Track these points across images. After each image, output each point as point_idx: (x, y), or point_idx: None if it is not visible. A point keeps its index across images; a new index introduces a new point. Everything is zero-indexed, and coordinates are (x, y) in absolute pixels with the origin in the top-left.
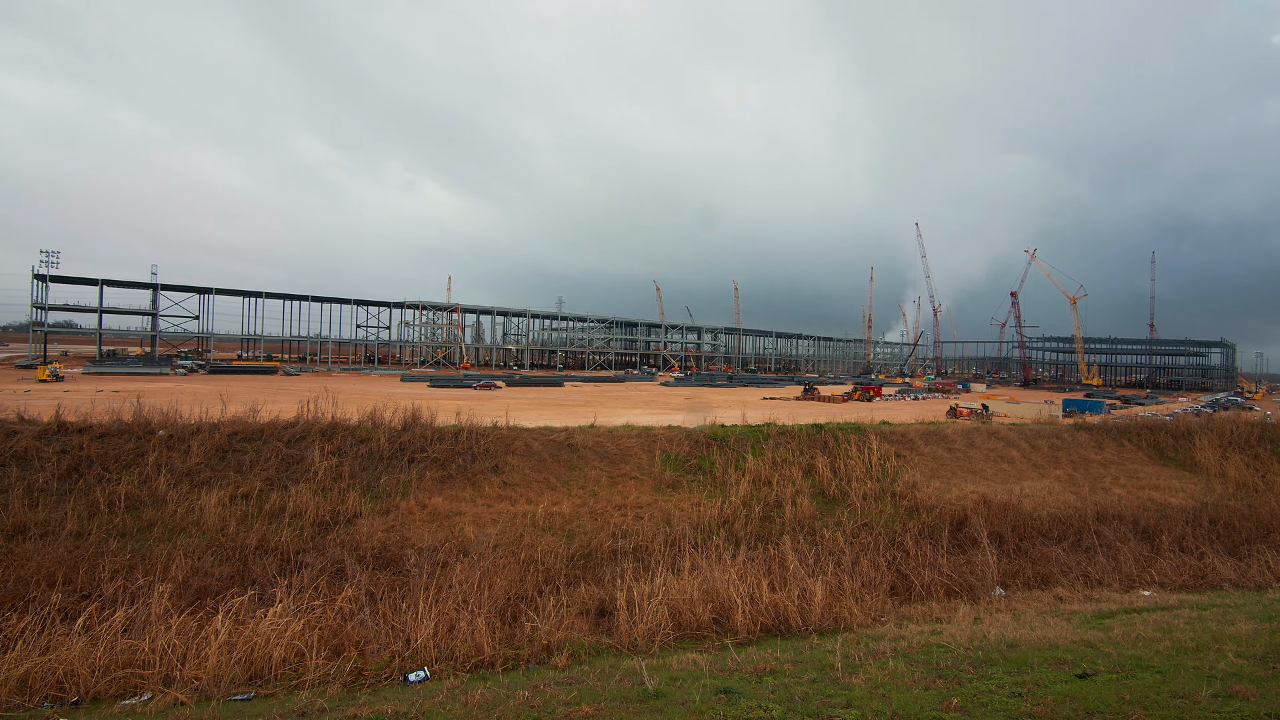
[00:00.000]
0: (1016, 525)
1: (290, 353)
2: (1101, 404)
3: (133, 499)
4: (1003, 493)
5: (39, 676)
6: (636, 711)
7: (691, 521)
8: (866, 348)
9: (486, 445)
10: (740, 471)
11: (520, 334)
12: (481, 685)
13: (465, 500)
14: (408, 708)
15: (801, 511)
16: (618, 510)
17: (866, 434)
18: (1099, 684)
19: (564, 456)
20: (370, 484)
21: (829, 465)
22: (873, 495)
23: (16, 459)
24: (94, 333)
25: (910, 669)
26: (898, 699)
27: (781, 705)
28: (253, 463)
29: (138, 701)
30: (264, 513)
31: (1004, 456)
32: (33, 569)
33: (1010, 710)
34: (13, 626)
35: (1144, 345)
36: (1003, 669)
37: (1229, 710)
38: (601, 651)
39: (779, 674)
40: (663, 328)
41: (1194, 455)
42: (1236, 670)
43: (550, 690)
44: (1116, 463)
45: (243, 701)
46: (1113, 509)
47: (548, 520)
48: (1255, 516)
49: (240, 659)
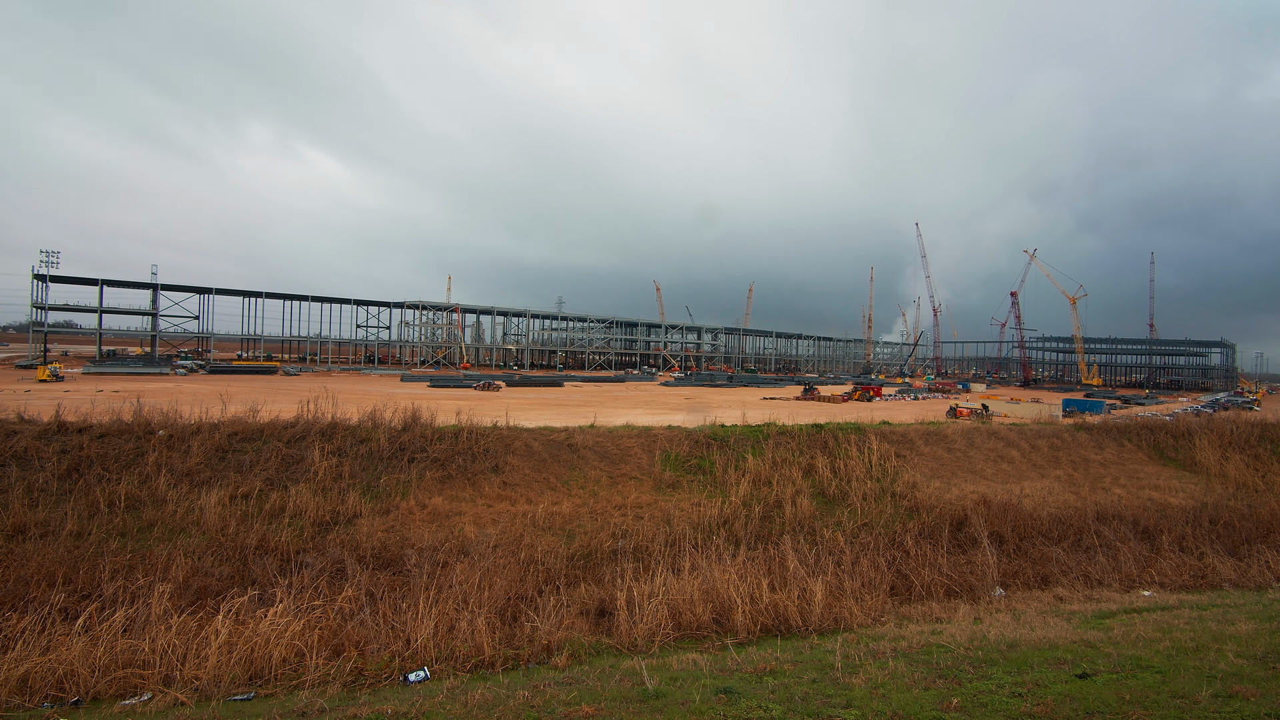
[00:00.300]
0: (1016, 525)
1: (290, 353)
2: (1101, 404)
3: (133, 499)
4: (1003, 493)
5: (39, 676)
6: (636, 711)
7: (691, 521)
8: (866, 348)
9: (486, 445)
10: (740, 471)
11: (520, 334)
12: (481, 685)
13: (465, 500)
14: (408, 708)
15: (801, 511)
16: (618, 510)
17: (866, 434)
18: (1099, 684)
19: (564, 456)
20: (370, 484)
21: (829, 465)
22: (873, 495)
23: (16, 459)
24: (94, 333)
25: (910, 669)
26: (898, 699)
27: (781, 705)
28: (253, 463)
29: (138, 701)
30: (264, 513)
31: (1004, 456)
32: (33, 569)
33: (1010, 710)
34: (13, 626)
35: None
36: (1003, 669)
37: (1229, 710)
38: (601, 651)
39: (779, 674)
40: (663, 328)
41: (1194, 455)
42: (1236, 670)
43: (550, 690)
44: (1116, 463)
45: (243, 701)
46: (1113, 509)
47: (548, 520)
48: (1255, 516)
49: (240, 659)
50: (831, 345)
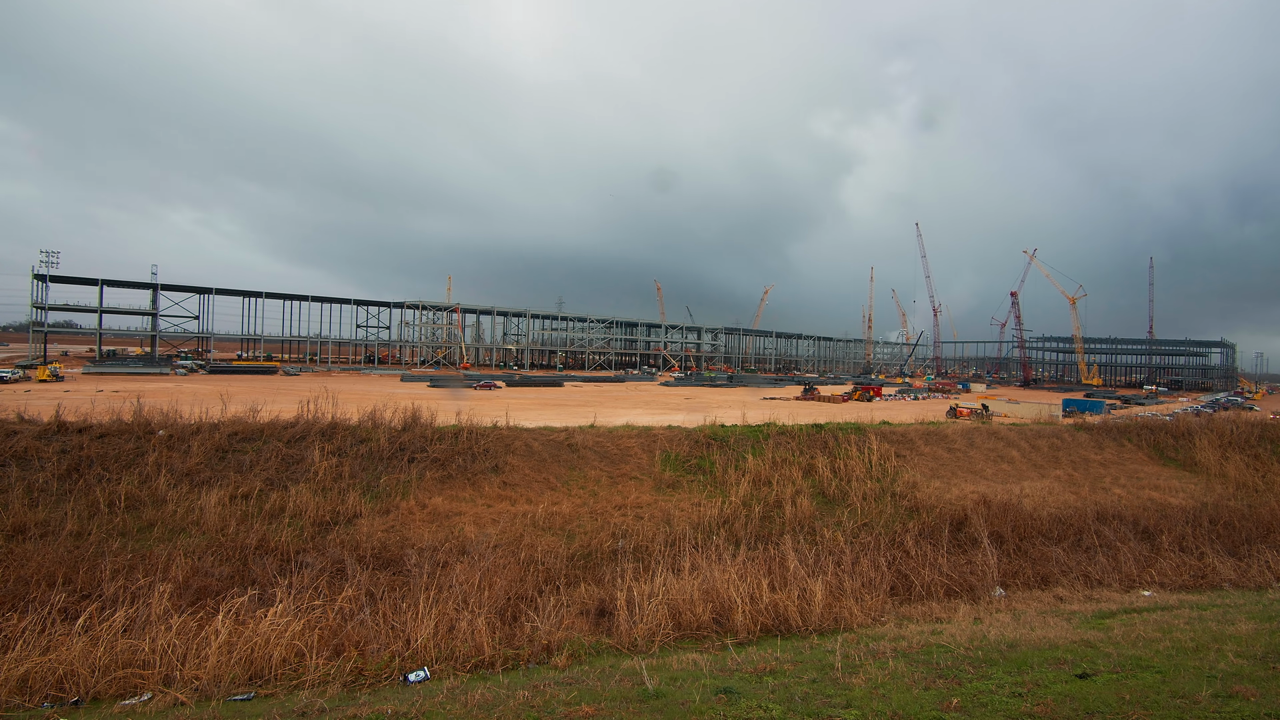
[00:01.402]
0: (1016, 525)
1: (290, 353)
2: (1101, 404)
3: (133, 499)
4: (1003, 493)
5: (39, 676)
6: (636, 711)
7: (691, 521)
8: (866, 348)
9: (486, 445)
10: (740, 471)
11: (520, 334)
12: (481, 685)
13: (465, 500)
14: (408, 708)
15: (801, 511)
16: (618, 510)
17: (866, 434)
18: (1099, 684)
19: (564, 456)
20: (370, 484)
21: (829, 465)
22: (873, 495)
23: (16, 459)
24: (94, 333)
25: (910, 669)
26: (898, 699)
27: (781, 705)
28: (253, 463)
29: (138, 701)
30: (264, 513)
31: (1004, 456)
32: (33, 569)
33: (1010, 710)
34: (13, 626)
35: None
36: (1003, 669)
37: (1229, 710)
38: (601, 651)
39: (779, 674)
40: (663, 328)
41: (1194, 455)
42: (1236, 670)
43: (550, 690)
44: (1116, 463)
45: (243, 701)
46: (1113, 509)
47: (548, 520)
48: (1255, 516)
49: (240, 659)
50: (831, 345)
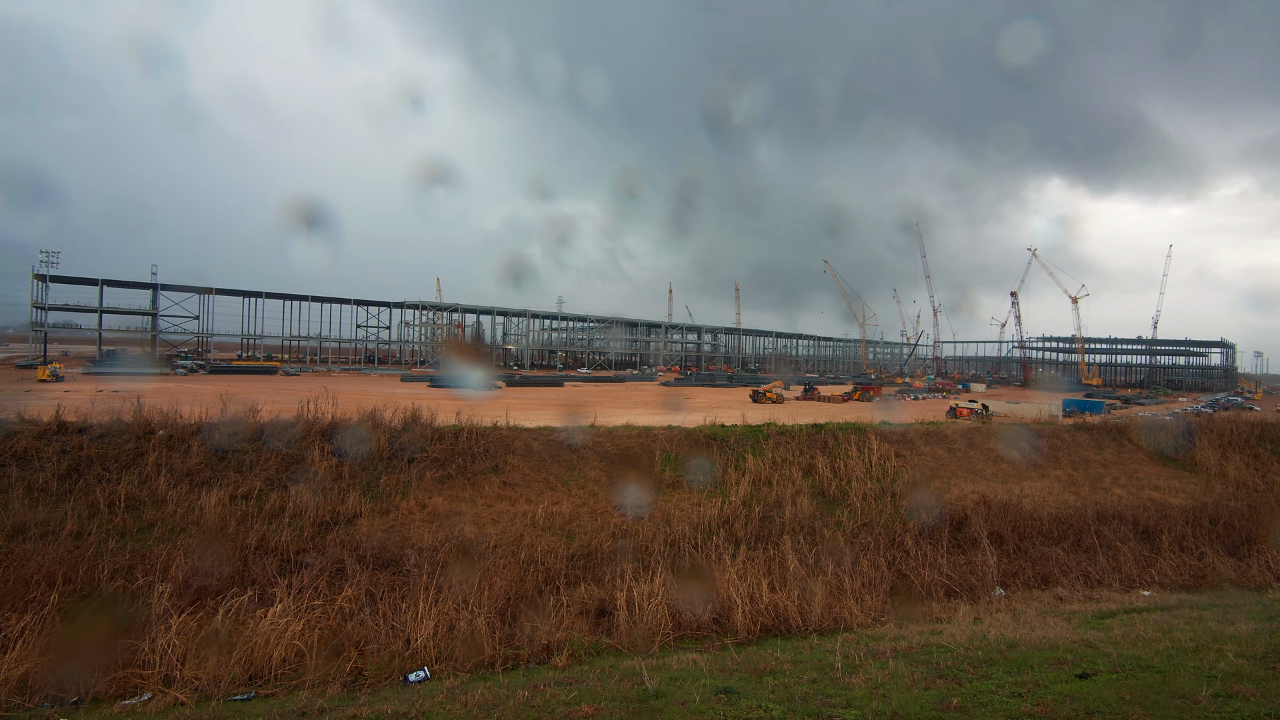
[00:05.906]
0: (1016, 525)
1: (290, 353)
2: (1101, 404)
3: (133, 499)
4: (1003, 493)
5: (39, 676)
6: (636, 711)
7: (691, 521)
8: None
9: (486, 445)
10: (740, 471)
11: (520, 334)
12: (481, 685)
13: (465, 500)
14: (408, 708)
15: (801, 511)
16: (618, 510)
17: (866, 434)
18: (1099, 684)
19: (564, 456)
20: (370, 484)
21: (829, 465)
22: (873, 495)
23: (16, 459)
24: (94, 333)
25: (910, 669)
26: (898, 699)
27: (781, 705)
28: (253, 463)
29: (138, 701)
30: (264, 513)
31: (1004, 456)
32: (33, 569)
33: (1010, 710)
34: (13, 626)
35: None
36: (1003, 669)
37: (1229, 710)
38: (601, 651)
39: (779, 674)
40: (663, 328)
41: (1194, 455)
42: (1236, 670)
43: (550, 690)
44: (1116, 463)
45: (243, 701)
46: (1113, 509)
47: (548, 520)
48: (1255, 516)
49: (240, 659)
50: (831, 345)
